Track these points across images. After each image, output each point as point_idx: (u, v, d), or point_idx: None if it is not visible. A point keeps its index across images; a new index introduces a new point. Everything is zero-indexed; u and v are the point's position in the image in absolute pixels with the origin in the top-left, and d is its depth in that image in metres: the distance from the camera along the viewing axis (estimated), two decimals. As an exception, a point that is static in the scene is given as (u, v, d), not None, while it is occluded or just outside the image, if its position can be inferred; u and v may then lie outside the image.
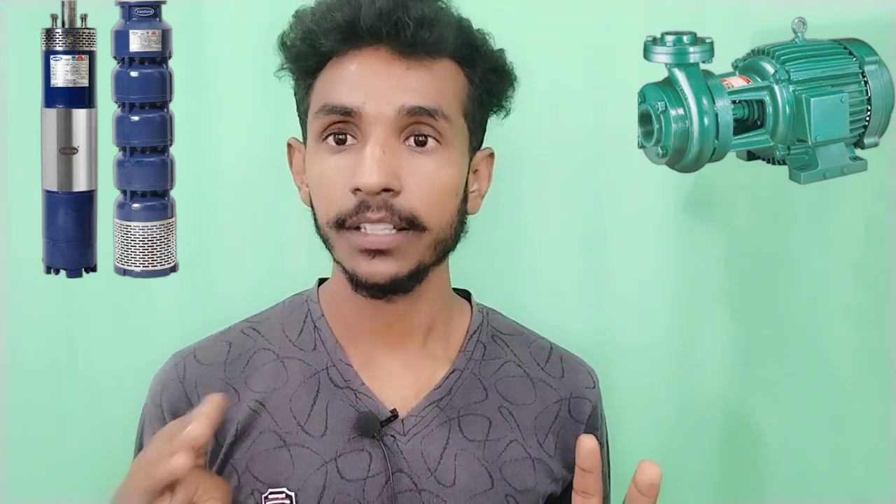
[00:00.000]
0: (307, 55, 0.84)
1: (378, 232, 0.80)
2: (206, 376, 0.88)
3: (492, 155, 0.91)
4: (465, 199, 0.86)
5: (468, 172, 0.87)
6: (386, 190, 0.79)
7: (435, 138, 0.81)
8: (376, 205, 0.79)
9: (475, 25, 0.87)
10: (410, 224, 0.80)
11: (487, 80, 0.87)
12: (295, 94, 0.89)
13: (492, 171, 0.91)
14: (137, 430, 0.91)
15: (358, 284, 0.82)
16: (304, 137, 0.88)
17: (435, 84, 0.82)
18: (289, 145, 0.91)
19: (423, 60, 0.81)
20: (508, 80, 0.89)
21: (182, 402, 0.87)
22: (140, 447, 0.90)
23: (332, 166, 0.81)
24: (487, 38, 0.87)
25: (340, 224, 0.81)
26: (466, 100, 0.85)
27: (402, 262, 0.81)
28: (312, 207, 0.85)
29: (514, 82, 0.90)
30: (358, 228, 0.80)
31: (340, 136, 0.81)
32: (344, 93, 0.81)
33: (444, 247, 0.84)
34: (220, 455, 0.85)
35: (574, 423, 0.92)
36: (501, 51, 0.88)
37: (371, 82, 0.80)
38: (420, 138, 0.81)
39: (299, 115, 0.89)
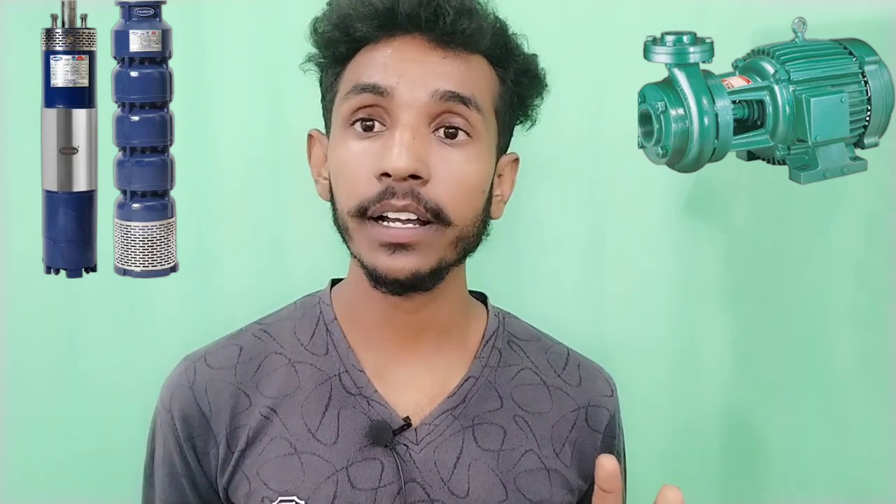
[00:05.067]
0: (340, 41, 0.82)
1: (400, 225, 0.78)
2: (217, 381, 0.86)
3: (516, 160, 0.89)
4: (489, 200, 0.84)
5: (494, 173, 0.85)
6: (414, 177, 0.77)
7: (465, 131, 0.80)
8: (402, 192, 0.77)
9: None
10: (436, 216, 0.78)
11: (519, 82, 0.85)
12: (321, 84, 0.87)
13: (515, 177, 0.89)
14: (149, 435, 0.90)
15: (377, 280, 0.80)
16: (328, 129, 0.86)
17: (471, 75, 0.81)
18: (310, 136, 0.88)
19: (460, 52, 0.80)
20: (539, 85, 0.88)
21: (192, 407, 0.85)
22: (152, 452, 0.89)
23: (358, 152, 0.79)
24: (521, 41, 0.86)
25: (362, 213, 0.78)
26: (498, 98, 0.84)
27: (424, 257, 0.79)
28: (332, 200, 0.83)
29: (545, 89, 0.88)
30: (379, 220, 0.78)
31: (368, 123, 0.80)
32: (378, 73, 0.79)
33: (466, 245, 0.82)
34: (231, 462, 0.84)
35: (591, 433, 0.90)
36: (534, 55, 0.87)
37: (406, 66, 0.79)
38: (450, 130, 0.79)
39: (324, 105, 0.87)
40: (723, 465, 1.18)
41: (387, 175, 0.77)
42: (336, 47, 0.83)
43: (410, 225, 0.78)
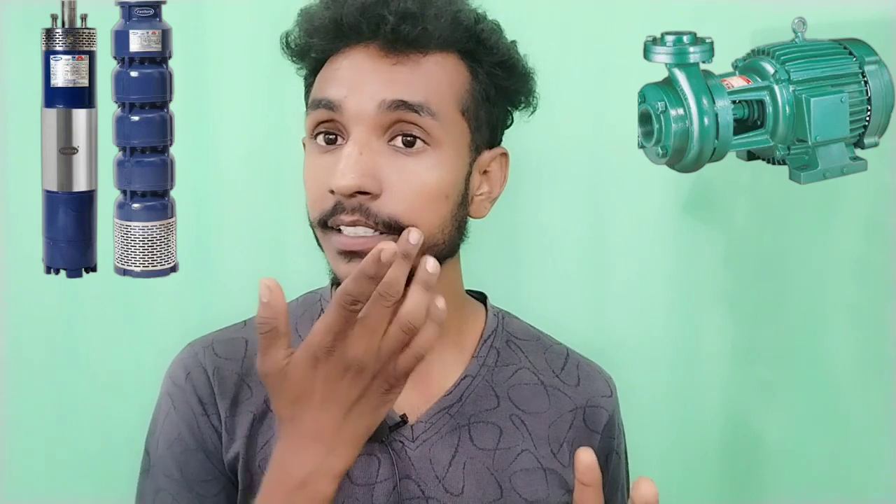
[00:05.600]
0: (303, 54, 0.84)
1: (358, 233, 0.78)
2: (223, 368, 0.87)
3: (504, 155, 0.87)
4: (462, 203, 0.83)
5: (470, 173, 0.83)
6: (362, 193, 0.77)
7: (422, 139, 0.79)
8: (350, 207, 0.77)
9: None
10: (390, 228, 0.78)
11: (494, 74, 0.83)
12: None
13: (507, 172, 0.88)
14: (151, 425, 0.89)
15: (339, 285, 0.80)
16: None
17: (422, 79, 0.79)
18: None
19: (411, 55, 0.79)
20: (518, 75, 0.85)
21: (206, 383, 0.86)
22: (156, 442, 0.87)
23: (318, 166, 0.80)
24: (497, 30, 0.84)
25: (323, 224, 0.80)
26: (466, 95, 0.82)
27: None
28: None
29: (528, 77, 0.86)
30: (338, 230, 0.79)
31: (330, 136, 0.80)
32: (331, 87, 0.80)
33: (436, 251, 0.80)
34: (231, 449, 0.84)
35: (589, 433, 0.90)
36: (512, 43, 0.85)
37: (356, 77, 0.79)
38: (408, 138, 0.78)
39: None
40: (723, 465, 1.18)
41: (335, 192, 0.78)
42: (302, 60, 0.84)
43: (366, 234, 0.78)
